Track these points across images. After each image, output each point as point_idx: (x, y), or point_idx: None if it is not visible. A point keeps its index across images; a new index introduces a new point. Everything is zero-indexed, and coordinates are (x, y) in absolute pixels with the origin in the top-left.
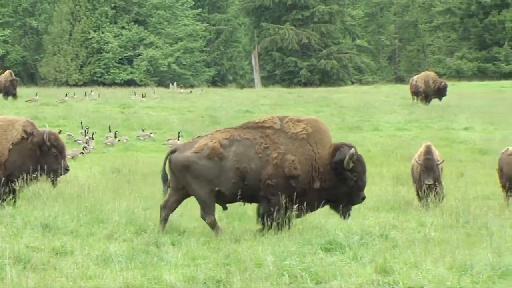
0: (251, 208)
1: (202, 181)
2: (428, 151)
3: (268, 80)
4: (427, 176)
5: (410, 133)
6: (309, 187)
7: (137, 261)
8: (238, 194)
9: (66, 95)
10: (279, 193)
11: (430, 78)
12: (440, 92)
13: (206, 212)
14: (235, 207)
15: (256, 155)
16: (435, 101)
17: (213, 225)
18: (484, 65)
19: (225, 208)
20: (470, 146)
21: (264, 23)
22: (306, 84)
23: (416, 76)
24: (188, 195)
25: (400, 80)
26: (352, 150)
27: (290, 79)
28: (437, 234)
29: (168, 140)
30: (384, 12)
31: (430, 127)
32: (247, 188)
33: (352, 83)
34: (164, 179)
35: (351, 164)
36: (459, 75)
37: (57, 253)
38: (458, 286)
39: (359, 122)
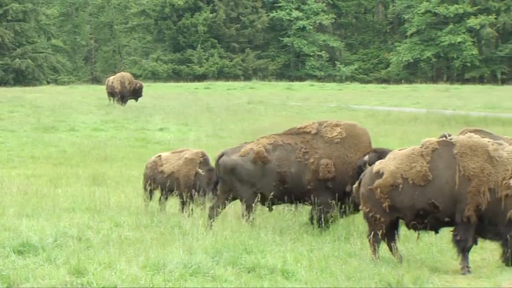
0: None
1: (246, 184)
2: None
3: None
4: None
5: (107, 134)
6: (346, 189)
7: None
8: (278, 196)
9: None
10: (323, 195)
11: (126, 79)
12: (136, 93)
13: (248, 212)
14: None
15: (296, 159)
16: (131, 102)
17: (252, 224)
18: (178, 67)
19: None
20: (165, 147)
21: None
22: (0, 83)
23: (112, 77)
24: (232, 198)
25: (96, 80)
26: (365, 158)
27: None
28: (132, 234)
29: None
30: (80, 12)
31: (126, 127)
32: (287, 191)
33: (48, 83)
34: (215, 183)
35: None
36: (155, 76)
37: None
38: (151, 285)
39: (55, 123)
